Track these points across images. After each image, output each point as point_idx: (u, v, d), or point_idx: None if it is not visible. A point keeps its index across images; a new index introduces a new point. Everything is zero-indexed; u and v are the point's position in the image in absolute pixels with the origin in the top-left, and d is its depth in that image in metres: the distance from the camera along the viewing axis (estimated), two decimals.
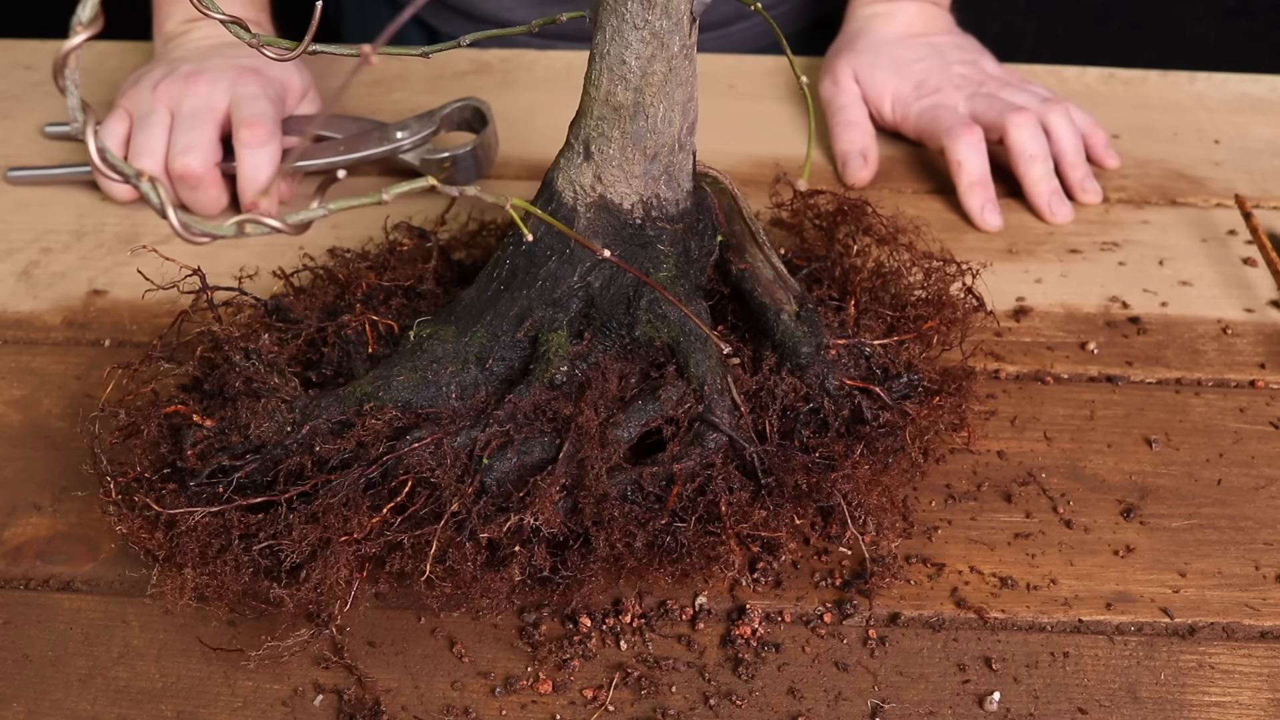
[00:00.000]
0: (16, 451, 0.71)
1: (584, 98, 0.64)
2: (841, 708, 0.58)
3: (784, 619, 0.62)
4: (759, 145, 0.99)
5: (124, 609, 0.62)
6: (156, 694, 0.59)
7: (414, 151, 0.90)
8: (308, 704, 0.58)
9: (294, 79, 0.93)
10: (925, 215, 0.91)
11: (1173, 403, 0.76)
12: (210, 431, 0.63)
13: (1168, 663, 0.61)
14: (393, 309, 0.71)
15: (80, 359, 0.78)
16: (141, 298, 0.80)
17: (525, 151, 0.97)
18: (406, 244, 0.77)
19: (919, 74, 0.97)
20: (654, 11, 0.60)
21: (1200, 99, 1.06)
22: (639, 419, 0.63)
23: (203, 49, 0.95)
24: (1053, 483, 0.70)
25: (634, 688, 0.59)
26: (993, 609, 0.63)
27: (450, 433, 0.61)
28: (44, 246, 0.88)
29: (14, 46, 1.11)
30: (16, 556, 0.65)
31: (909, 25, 1.02)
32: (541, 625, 0.61)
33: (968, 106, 0.94)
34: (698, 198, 0.68)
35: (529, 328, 0.65)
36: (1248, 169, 0.97)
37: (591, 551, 0.59)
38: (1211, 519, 0.68)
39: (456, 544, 0.58)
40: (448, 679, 0.60)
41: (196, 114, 0.87)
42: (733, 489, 0.62)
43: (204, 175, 0.87)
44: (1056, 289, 0.85)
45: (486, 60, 1.09)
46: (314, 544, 0.58)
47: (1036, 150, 0.91)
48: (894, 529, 0.66)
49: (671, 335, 0.65)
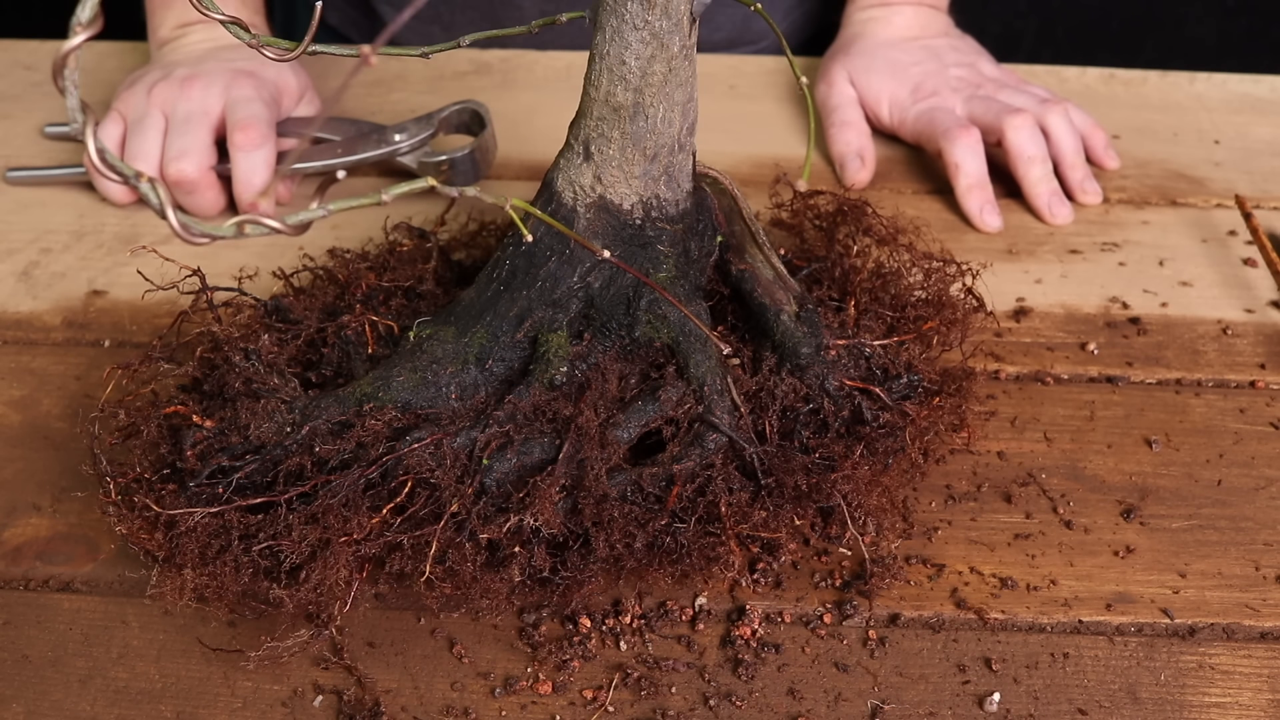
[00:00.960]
0: (16, 452, 0.71)
1: (584, 98, 0.64)
2: (841, 708, 0.58)
3: (784, 619, 0.62)
4: (759, 145, 0.99)
5: (124, 609, 0.62)
6: (156, 694, 0.59)
7: (412, 154, 0.90)
8: (307, 704, 0.58)
9: (290, 81, 0.93)
10: (925, 216, 0.91)
11: (1173, 403, 0.76)
12: (210, 432, 0.63)
13: (1168, 663, 0.60)
14: (392, 309, 0.71)
15: (80, 359, 0.78)
16: (141, 298, 0.80)
17: (525, 152, 0.97)
18: (406, 244, 0.77)
19: (916, 77, 0.97)
20: (654, 12, 0.60)
21: (1200, 99, 1.06)
22: (639, 419, 0.63)
23: (198, 53, 0.95)
24: (1053, 483, 0.70)
25: (634, 688, 0.59)
26: (993, 610, 0.63)
27: (450, 433, 0.61)
28: (44, 247, 0.88)
29: (14, 46, 1.11)
30: (16, 557, 0.65)
31: (905, 29, 1.02)
32: (541, 626, 0.61)
33: (965, 109, 0.94)
34: (698, 198, 0.68)
35: (529, 328, 0.65)
36: (1248, 169, 0.97)
37: (591, 552, 0.59)
38: (1211, 519, 0.68)
39: (456, 544, 0.58)
40: (447, 679, 0.60)
41: (191, 118, 0.87)
42: (732, 490, 0.62)
43: (199, 179, 0.87)
44: (1056, 289, 0.85)
45: (486, 60, 1.09)
46: (314, 544, 0.58)
47: (1035, 152, 0.91)
48: (894, 529, 0.66)
49: (671, 336, 0.65)
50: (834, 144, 0.96)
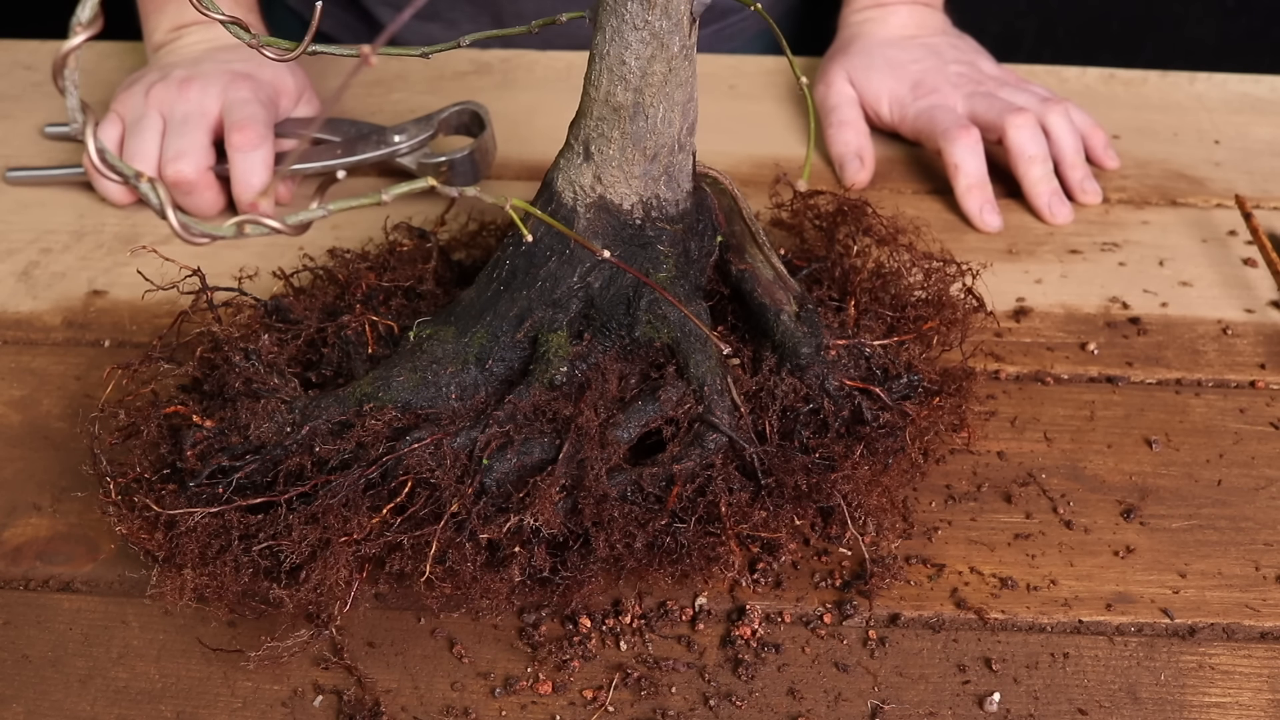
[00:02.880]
0: (16, 452, 0.71)
1: (584, 98, 0.64)
2: (841, 708, 0.58)
3: (784, 619, 0.62)
4: (759, 145, 0.99)
5: (124, 609, 0.62)
6: (156, 695, 0.59)
7: (411, 155, 0.90)
8: (307, 704, 0.58)
9: (288, 82, 0.93)
10: (925, 216, 0.91)
11: (1173, 403, 0.76)
12: (210, 432, 0.63)
13: (1168, 663, 0.60)
14: (393, 309, 0.71)
15: (80, 359, 0.78)
16: (141, 298, 0.80)
17: (525, 152, 0.97)
18: (406, 244, 0.77)
19: (915, 74, 0.97)
20: (654, 12, 0.60)
21: (1200, 99, 1.06)
22: (639, 419, 0.63)
23: (195, 54, 0.95)
24: (1053, 483, 0.70)
25: (634, 688, 0.59)
26: (993, 610, 0.63)
27: (450, 433, 0.61)
28: (44, 247, 0.88)
29: (14, 46, 1.11)
30: (16, 557, 0.65)
31: (902, 28, 1.02)
32: (541, 626, 0.61)
33: (966, 107, 0.94)
34: (698, 198, 0.68)
35: (529, 328, 0.65)
36: (1248, 169, 0.97)
37: (591, 552, 0.59)
38: (1211, 519, 0.68)
39: (456, 544, 0.58)
40: (447, 679, 0.60)
41: (189, 119, 0.88)
42: (732, 490, 0.62)
43: (197, 180, 0.87)
44: (1056, 289, 0.85)
45: (486, 61, 1.09)
46: (314, 544, 0.58)
47: (1036, 151, 0.91)
48: (894, 529, 0.66)
49: (671, 336, 0.65)
50: (833, 144, 0.96)
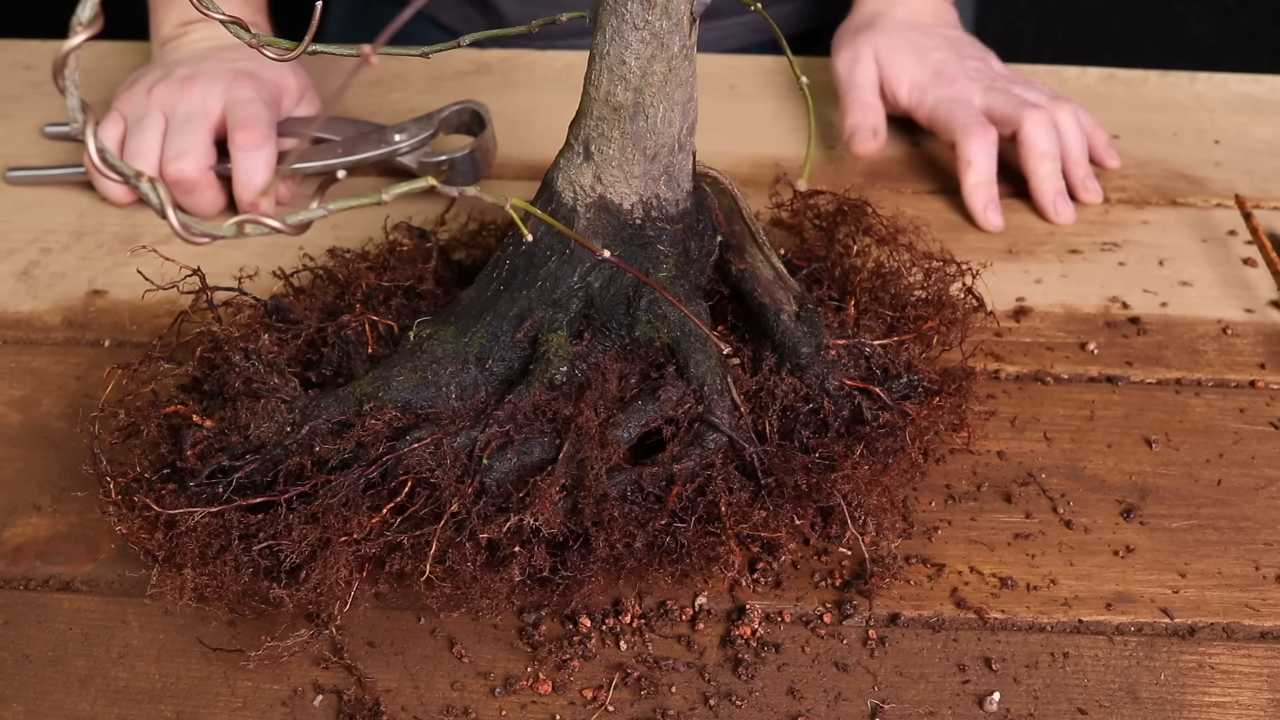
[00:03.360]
0: (16, 451, 0.71)
1: (584, 98, 0.64)
2: (841, 708, 0.58)
3: (784, 619, 0.62)
4: (759, 145, 0.99)
5: (124, 609, 0.62)
6: (156, 694, 0.59)
7: (411, 154, 0.90)
8: (307, 704, 0.58)
9: (290, 81, 0.93)
10: (925, 215, 0.91)
11: (1173, 403, 0.76)
12: (210, 432, 0.63)
13: (1168, 663, 0.60)
14: (393, 309, 0.71)
15: (80, 359, 0.78)
16: (141, 298, 0.80)
17: (525, 152, 0.97)
18: (406, 244, 0.77)
19: (937, 63, 0.97)
20: (654, 12, 0.60)
21: (1200, 99, 1.06)
22: (639, 419, 0.63)
23: (198, 52, 0.95)
24: (1053, 483, 0.70)
25: (634, 688, 0.59)
26: (993, 609, 0.63)
27: (450, 433, 0.61)
28: (44, 247, 0.88)
29: (14, 46, 1.11)
30: (16, 556, 0.65)
31: (919, 14, 1.02)
32: (541, 625, 0.61)
33: (983, 100, 0.95)
34: (698, 198, 0.68)
35: (529, 328, 0.65)
36: (1248, 169, 0.97)
37: (591, 552, 0.59)
38: (1211, 519, 0.68)
39: (456, 544, 0.58)
40: (447, 679, 0.60)
41: (191, 118, 0.87)
42: (732, 489, 0.62)
43: (198, 179, 0.87)
44: (1056, 289, 0.85)
45: (486, 60, 1.09)
46: (314, 544, 0.58)
47: (1049, 148, 0.91)
48: (894, 529, 0.66)
49: (671, 335, 0.65)
50: (849, 116, 0.96)
